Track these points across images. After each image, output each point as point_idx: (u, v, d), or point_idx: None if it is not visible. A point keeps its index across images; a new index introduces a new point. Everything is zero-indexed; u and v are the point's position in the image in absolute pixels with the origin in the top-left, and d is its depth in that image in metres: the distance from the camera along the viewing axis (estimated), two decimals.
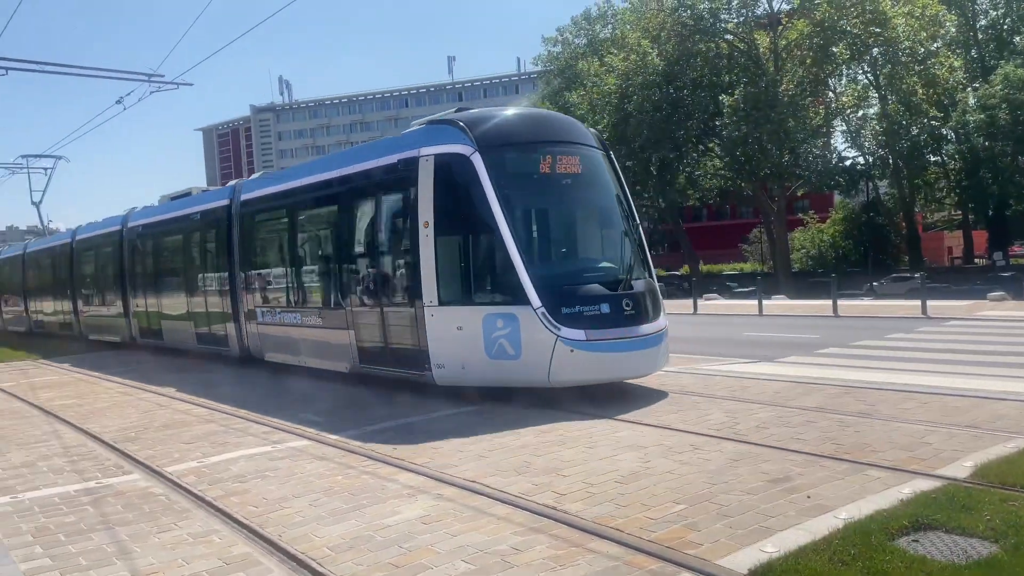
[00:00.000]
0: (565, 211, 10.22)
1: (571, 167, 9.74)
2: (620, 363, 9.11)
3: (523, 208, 9.65)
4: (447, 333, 9.28)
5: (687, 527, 4.67)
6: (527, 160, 9.62)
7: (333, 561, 4.44)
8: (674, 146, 40.43)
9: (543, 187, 9.78)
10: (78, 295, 22.42)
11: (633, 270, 9.80)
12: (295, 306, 12.71)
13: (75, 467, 7.16)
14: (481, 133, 9.38)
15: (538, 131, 10.07)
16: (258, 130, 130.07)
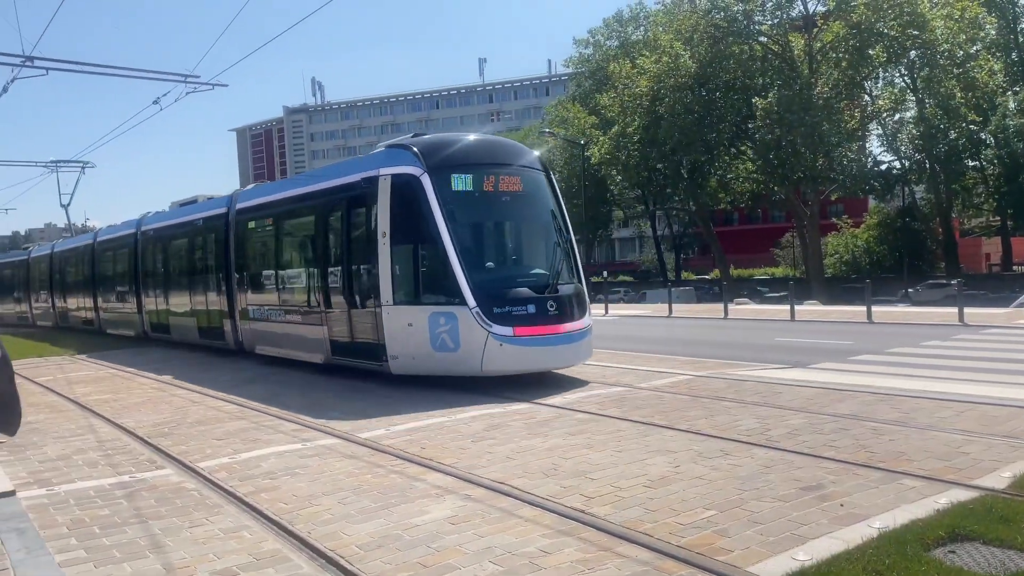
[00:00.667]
0: (503, 224, 11.79)
1: (512, 186, 11.25)
2: (544, 356, 10.64)
3: (465, 221, 10.98)
4: (400, 329, 10.77)
5: (717, 533, 4.62)
6: (470, 180, 10.99)
7: (362, 559, 4.46)
8: (706, 149, 40.13)
9: (484, 203, 11.24)
10: (98, 292, 24.15)
11: (560, 276, 11.18)
12: (280, 305, 14.26)
13: (110, 461, 7.28)
14: (430, 157, 10.88)
15: (483, 155, 11.47)
16: (291, 131, 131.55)
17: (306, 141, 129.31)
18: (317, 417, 8.95)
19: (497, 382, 10.40)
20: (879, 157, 45.54)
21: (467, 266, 10.39)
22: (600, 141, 42.78)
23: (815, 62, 37.47)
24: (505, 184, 11.23)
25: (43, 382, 13.46)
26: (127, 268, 21.75)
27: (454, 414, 8.77)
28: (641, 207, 55.76)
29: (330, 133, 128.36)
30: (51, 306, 29.34)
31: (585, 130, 45.47)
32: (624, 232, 74.77)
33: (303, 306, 13.40)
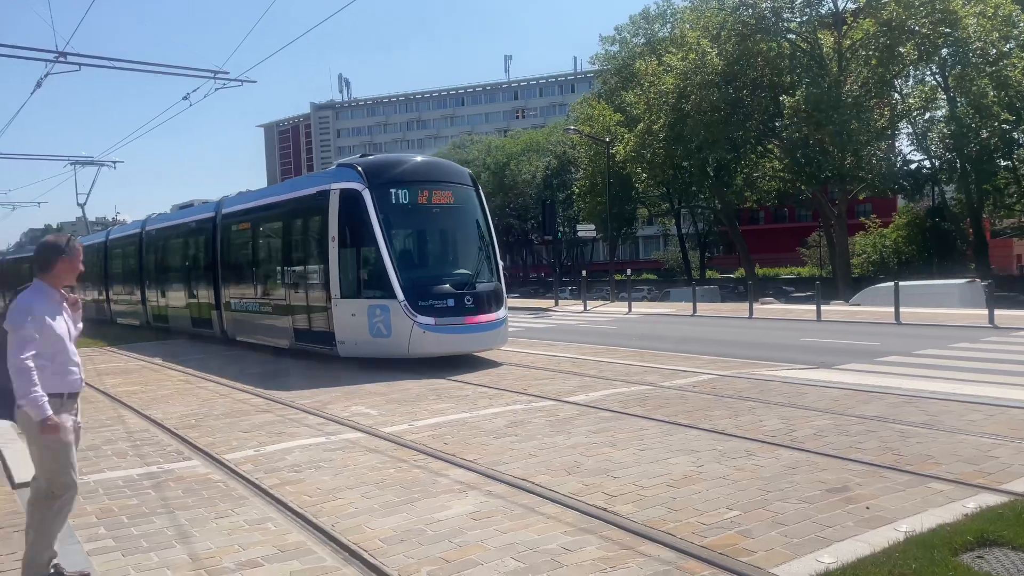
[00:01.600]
0: (433, 232, 13.82)
1: (443, 199, 13.29)
2: (460, 341, 12.65)
3: (399, 229, 13.10)
4: (346, 319, 12.85)
5: (741, 534, 4.60)
6: (406, 194, 12.95)
7: (384, 553, 4.49)
8: (732, 147, 39.76)
9: (417, 214, 13.21)
10: (110, 286, 26.85)
11: (479, 276, 13.21)
12: (255, 298, 16.42)
13: (138, 452, 7.39)
14: (372, 175, 12.90)
15: (419, 173, 13.50)
16: (317, 127, 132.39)
17: (332, 137, 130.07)
18: (341, 411, 9.02)
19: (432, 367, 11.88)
20: (909, 156, 44.85)
21: (398, 266, 12.46)
22: (625, 139, 42.57)
23: (844, 60, 36.96)
24: (437, 198, 13.28)
25: None
26: (133, 264, 24.22)
27: (476, 410, 8.79)
28: (666, 205, 55.43)
29: (356, 129, 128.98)
30: None
31: (610, 127, 45.23)
32: (648, 230, 74.42)
33: (273, 299, 15.60)
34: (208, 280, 18.68)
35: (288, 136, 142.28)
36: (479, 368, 12.44)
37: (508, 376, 11.39)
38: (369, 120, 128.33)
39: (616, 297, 33.38)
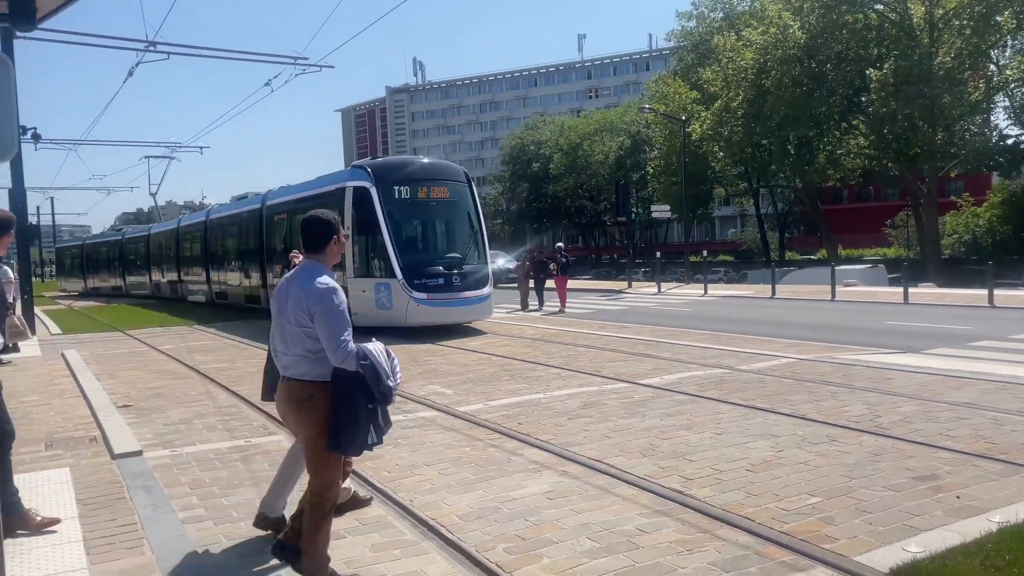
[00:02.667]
0: (428, 222, 16.35)
1: (440, 195, 15.90)
2: (449, 313, 15.22)
3: (401, 220, 15.59)
4: (358, 294, 15.42)
5: (823, 520, 4.50)
6: (407, 190, 15.57)
7: (462, 529, 4.58)
8: (814, 124, 38.43)
9: (417, 207, 15.81)
10: (182, 267, 30.19)
11: (467, 259, 15.80)
12: None
13: (226, 426, 7.71)
14: (378, 174, 15.56)
15: (419, 173, 16.07)
16: (392, 111, 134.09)
17: (407, 121, 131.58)
18: (418, 390, 9.19)
19: None
20: (1005, 131, 42.44)
21: (399, 251, 15.06)
22: (702, 117, 41.67)
23: (936, 30, 35.17)
24: (435, 193, 15.88)
25: (166, 350, 14.34)
26: (200, 249, 27.55)
27: (550, 391, 8.82)
28: (744, 184, 54.04)
29: (430, 112, 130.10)
30: (148, 279, 35.25)
31: (686, 105, 44.32)
32: (725, 210, 72.93)
33: None
34: (257, 262, 21.68)
35: (364, 120, 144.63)
36: (552, 350, 12.47)
37: (581, 358, 11.38)
38: (442, 103, 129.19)
39: (691, 279, 32.87)
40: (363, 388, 3.66)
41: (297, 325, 3.70)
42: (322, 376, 3.72)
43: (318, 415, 3.71)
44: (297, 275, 3.84)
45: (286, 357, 3.80)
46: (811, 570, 3.84)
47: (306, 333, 3.69)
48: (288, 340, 3.76)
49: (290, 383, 3.79)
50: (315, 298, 3.64)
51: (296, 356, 3.75)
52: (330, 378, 3.71)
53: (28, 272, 20.96)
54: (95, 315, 25.88)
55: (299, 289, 3.72)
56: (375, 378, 3.64)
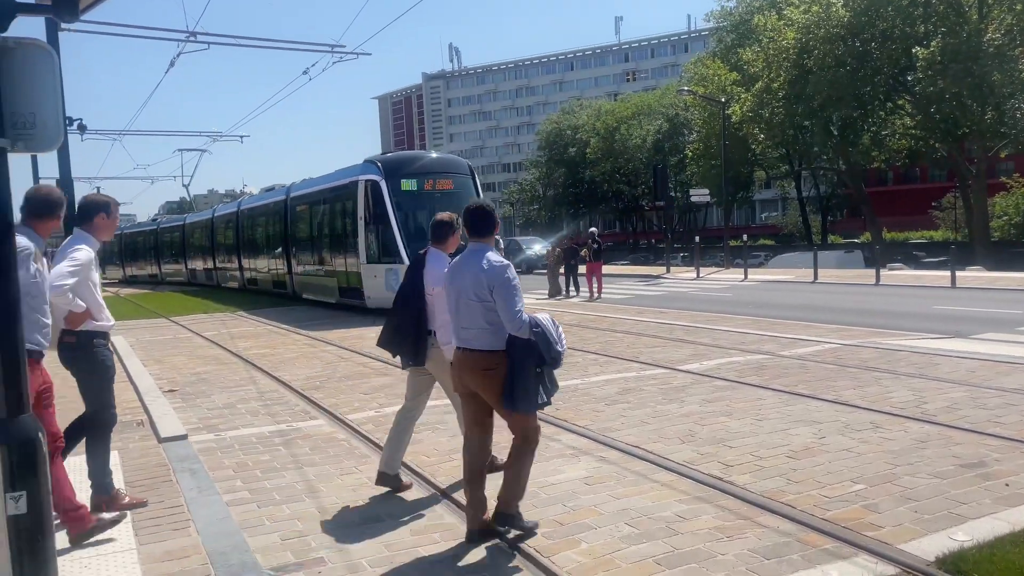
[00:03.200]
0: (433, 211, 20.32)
1: (444, 186, 17.21)
2: None
3: (408, 210, 16.93)
4: (370, 279, 17.12)
5: (866, 508, 4.43)
6: (414, 183, 17.00)
7: None
8: (858, 104, 37.56)
9: (422, 198, 17.03)
10: (216, 255, 32.05)
11: None
12: (312, 265, 21.02)
13: (268, 411, 7.84)
14: (387, 168, 17.05)
15: (424, 167, 17.51)
16: (429, 97, 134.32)
17: (443, 107, 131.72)
18: None
19: None
20: None
21: (405, 238, 16.39)
22: (742, 98, 40.99)
23: (985, 6, 34.04)
24: (439, 185, 17.20)
25: (209, 336, 14.62)
26: (232, 238, 29.31)
27: (587, 377, 8.81)
28: (785, 167, 53.14)
29: (466, 98, 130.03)
30: (183, 266, 37.25)
31: (726, 87, 43.62)
32: (766, 193, 71.78)
33: (324, 266, 20.14)
34: (283, 250, 23.31)
35: (401, 107, 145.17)
36: (589, 336, 12.43)
37: (619, 343, 11.33)
38: (479, 88, 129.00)
39: (731, 263, 32.48)
40: (534, 353, 4.09)
41: (478, 301, 4.13)
42: (501, 345, 4.16)
43: (500, 380, 4.14)
44: (468, 258, 4.27)
45: (468, 331, 4.22)
46: (854, 558, 3.79)
47: (486, 307, 4.12)
48: (470, 315, 4.19)
49: (474, 354, 4.21)
50: (493, 275, 4.09)
51: (479, 329, 4.18)
52: (506, 347, 4.14)
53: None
54: (141, 302, 26.48)
55: (475, 269, 4.15)
56: (546, 344, 4.09)
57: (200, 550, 4.24)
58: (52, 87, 2.86)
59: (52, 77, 2.86)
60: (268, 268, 25.08)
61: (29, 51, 2.79)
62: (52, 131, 2.88)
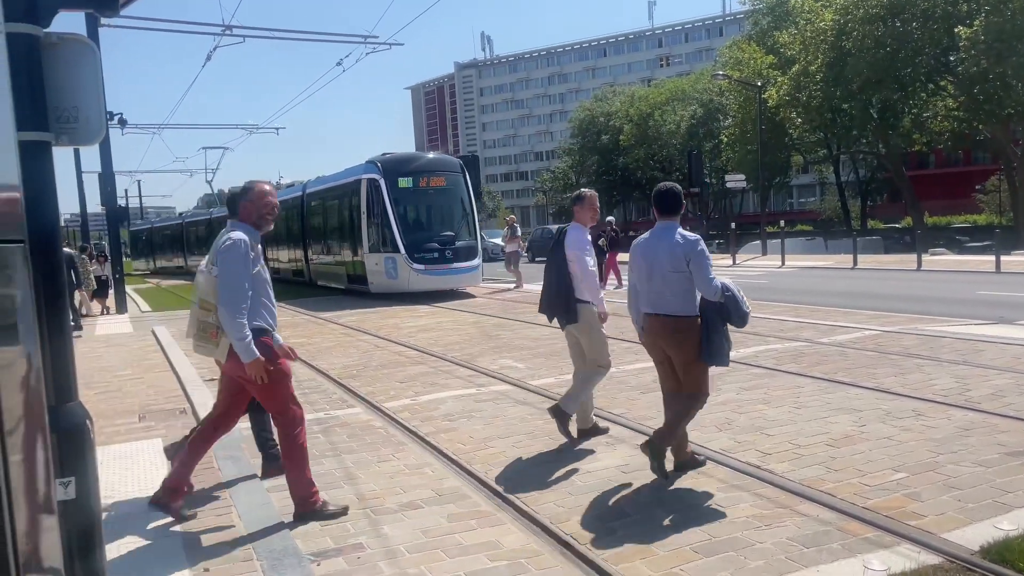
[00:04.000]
0: (429, 206, 19.67)
1: (438, 183, 19.26)
2: (443, 281, 18.68)
3: (405, 205, 19.02)
4: (372, 266, 19.27)
5: (908, 497, 4.36)
6: (410, 180, 19.00)
7: (536, 501, 4.62)
8: (899, 86, 36.72)
9: (417, 195, 19.20)
10: None
11: (459, 236, 19.09)
12: (325, 254, 23.33)
13: (307, 399, 7.92)
14: (386, 168, 18.99)
15: (420, 166, 19.53)
16: (461, 87, 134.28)
17: (475, 96, 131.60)
18: (489, 364, 9.27)
19: None
20: None
21: (402, 231, 18.54)
22: (779, 82, 40.31)
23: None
24: (433, 183, 19.21)
25: None
26: None
27: (622, 365, 8.77)
28: (823, 151, 52.17)
29: (499, 87, 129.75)
30: None
31: (762, 71, 42.94)
32: (803, 178, 70.57)
33: (334, 256, 22.31)
34: (299, 242, 25.74)
35: (434, 97, 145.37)
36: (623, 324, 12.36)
37: None
38: (511, 77, 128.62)
39: (768, 250, 32.06)
40: (724, 314, 4.73)
41: (674, 271, 4.70)
42: (693, 311, 4.76)
43: (693, 341, 4.76)
44: (659, 234, 4.86)
45: (661, 298, 4.81)
46: (896, 547, 3.73)
47: (680, 277, 4.69)
48: (664, 284, 4.76)
49: (670, 319, 4.80)
50: (689, 248, 4.68)
51: (672, 296, 4.76)
52: (697, 311, 4.75)
53: (119, 253, 21.93)
54: (182, 293, 26.96)
55: (669, 243, 4.74)
56: (736, 305, 4.70)
57: (242, 535, 4.32)
58: (94, 82, 2.92)
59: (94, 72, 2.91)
60: (288, 258, 27.55)
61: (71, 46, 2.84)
62: (95, 125, 2.94)
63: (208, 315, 4.33)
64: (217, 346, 4.31)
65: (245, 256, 4.22)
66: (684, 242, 4.70)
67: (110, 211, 20.87)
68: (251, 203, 4.44)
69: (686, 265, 4.66)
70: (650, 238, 4.92)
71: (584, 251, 5.66)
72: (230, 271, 4.20)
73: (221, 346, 4.29)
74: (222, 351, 4.30)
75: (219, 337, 4.28)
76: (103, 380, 9.63)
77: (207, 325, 4.35)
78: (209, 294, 4.32)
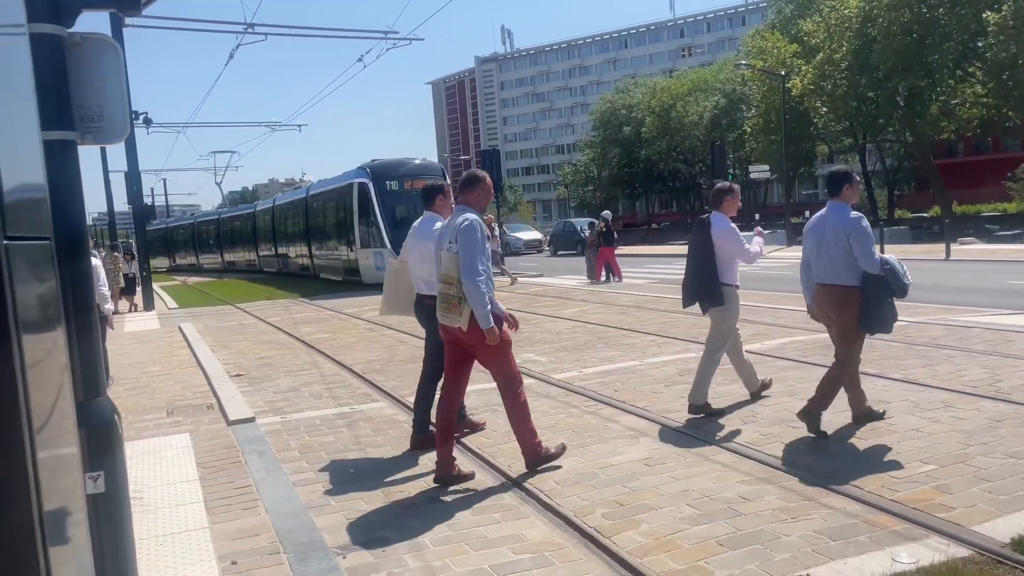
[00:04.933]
0: (411, 207, 20.42)
1: (419, 186, 18.36)
2: None
3: (390, 205, 21.37)
4: (363, 260, 21.89)
5: (937, 489, 4.30)
6: (396, 184, 21.49)
7: (560, 494, 4.61)
8: (925, 73, 36.13)
9: (401, 196, 21.36)
10: (259, 245, 37.11)
11: None
12: (324, 250, 26.35)
13: (331, 393, 8.00)
14: (374, 173, 21.77)
15: (404, 171, 21.87)
16: (482, 81, 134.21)
17: (496, 90, 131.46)
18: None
19: None
20: None
21: (388, 228, 20.82)
22: (803, 71, 39.82)
23: None
24: (416, 185, 20.26)
25: (273, 322, 14.98)
26: (269, 230, 34.31)
27: (646, 358, 8.74)
28: (849, 140, 51.47)
29: (519, 81, 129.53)
30: (219, 257, 43.88)
31: (786, 60, 42.43)
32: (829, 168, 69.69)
33: (334, 251, 25.10)
34: (304, 239, 28.83)
35: (455, 91, 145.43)
36: (647, 317, 12.32)
37: (678, 324, 11.20)
38: (531, 70, 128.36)
39: (792, 241, 31.74)
40: (884, 286, 5.20)
41: (837, 246, 5.25)
42: (856, 281, 5.27)
43: (855, 309, 5.29)
44: (828, 213, 5.42)
45: (827, 271, 5.39)
46: (925, 539, 3.69)
47: (845, 251, 5.23)
48: (830, 258, 5.34)
49: (834, 288, 5.38)
50: (851, 225, 5.24)
51: (836, 268, 5.31)
52: (858, 283, 5.26)
53: (146, 251, 22.22)
54: (207, 290, 27.26)
55: (836, 221, 5.31)
56: (895, 277, 5.18)
57: (269, 529, 4.36)
58: (117, 81, 2.95)
59: (117, 71, 2.94)
60: (295, 254, 30.80)
61: (95, 46, 2.88)
62: (119, 124, 2.97)
63: (450, 288, 4.79)
64: (460, 315, 4.74)
65: (482, 234, 4.77)
66: (848, 220, 5.25)
67: (136, 210, 21.14)
68: (482, 191, 5.09)
69: (847, 240, 5.19)
70: (821, 215, 5.51)
71: (735, 231, 6.06)
72: (471, 247, 4.70)
73: (464, 315, 4.72)
74: (464, 320, 4.73)
75: (461, 307, 4.73)
76: (131, 376, 9.77)
77: (449, 297, 4.81)
78: (451, 269, 4.77)
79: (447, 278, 4.81)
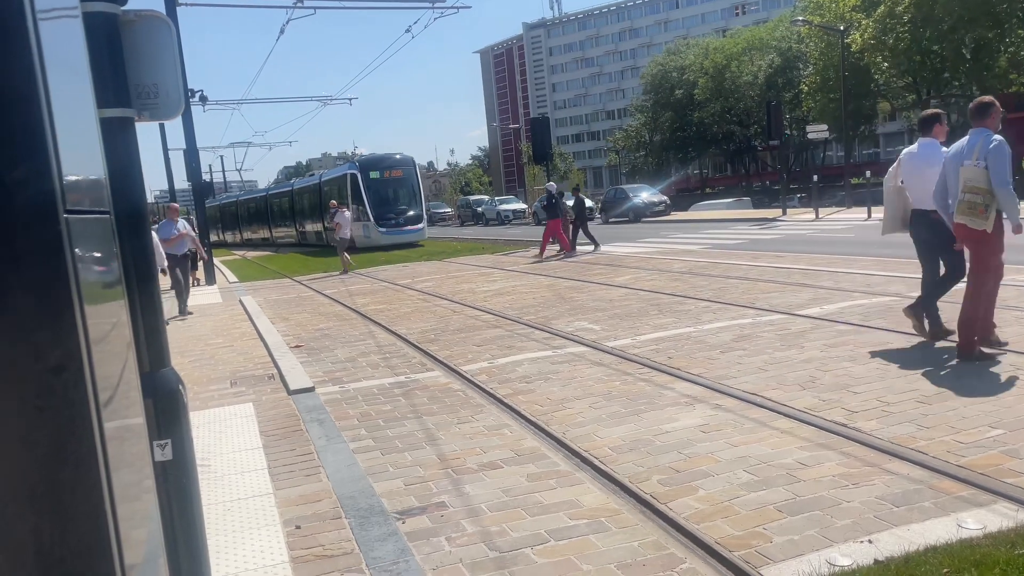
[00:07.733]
0: (389, 191, 31.03)
1: (396, 175, 31.53)
2: (398, 238, 30.08)
3: (374, 191, 30.63)
4: (356, 231, 25.40)
5: (1006, 454, 4.17)
6: (379, 173, 31.10)
7: (615, 461, 4.62)
8: (994, 23, 34.47)
9: (383, 183, 31.07)
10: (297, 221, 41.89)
11: (409, 210, 31.01)
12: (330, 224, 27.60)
13: (387, 363, 8.13)
14: (362, 166, 31.55)
15: (385, 163, 31.60)
16: (530, 48, 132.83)
17: (544, 56, 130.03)
18: (565, 326, 9.26)
19: None
20: None
21: (372, 207, 29.99)
22: (863, 25, 38.40)
23: None
24: (394, 174, 31.18)
25: (329, 295, 15.24)
26: (288, 209, 42.12)
27: (700, 324, 8.64)
28: (912, 96, 49.52)
29: (568, 46, 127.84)
30: (267, 230, 48.47)
31: (844, 14, 40.94)
32: (890, 126, 67.36)
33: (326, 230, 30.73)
34: (320, 216, 34.33)
35: (503, 59, 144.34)
36: (700, 283, 12.17)
37: (732, 290, 11.04)
38: (580, 35, 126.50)
39: (853, 203, 30.85)
40: None
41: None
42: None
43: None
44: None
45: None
46: (992, 505, 3.59)
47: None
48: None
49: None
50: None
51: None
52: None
53: (205, 226, 22.77)
54: (266, 264, 27.90)
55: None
56: None
57: (331, 494, 4.48)
58: (172, 58, 2.99)
59: (171, 48, 2.98)
60: (312, 229, 37.60)
61: (149, 23, 2.92)
62: (174, 100, 3.02)
63: (976, 196, 5.76)
64: (986, 220, 5.74)
65: (1008, 151, 5.68)
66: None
67: (196, 186, 21.63)
68: (994, 114, 5.96)
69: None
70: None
71: None
72: (1002, 162, 5.66)
73: (989, 219, 5.73)
74: (990, 224, 5.74)
75: (986, 213, 5.73)
76: (196, 348, 10.07)
77: (975, 205, 5.78)
78: (979, 181, 5.73)
79: (974, 189, 5.74)
